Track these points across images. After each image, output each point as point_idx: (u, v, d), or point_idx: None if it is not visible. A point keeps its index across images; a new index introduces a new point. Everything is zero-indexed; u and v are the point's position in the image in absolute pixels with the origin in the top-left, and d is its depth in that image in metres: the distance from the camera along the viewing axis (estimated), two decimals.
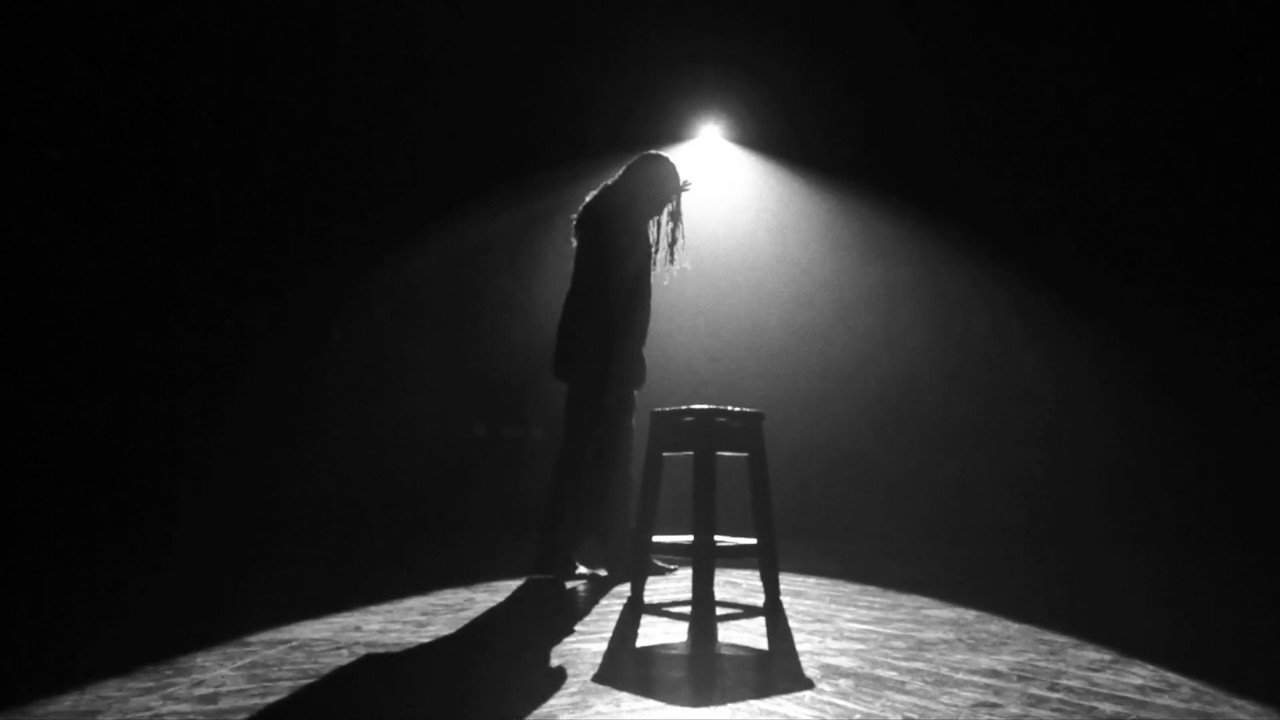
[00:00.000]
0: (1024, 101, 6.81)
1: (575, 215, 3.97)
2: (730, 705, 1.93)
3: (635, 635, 2.72)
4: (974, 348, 6.77)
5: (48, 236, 6.70)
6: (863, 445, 6.71)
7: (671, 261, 3.99)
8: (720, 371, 6.79)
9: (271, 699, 1.90)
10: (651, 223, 3.98)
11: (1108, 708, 1.93)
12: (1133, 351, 6.59)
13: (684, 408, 3.34)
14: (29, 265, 6.71)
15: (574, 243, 3.96)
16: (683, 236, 4.02)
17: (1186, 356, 6.57)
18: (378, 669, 2.19)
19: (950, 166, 6.84)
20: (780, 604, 3.25)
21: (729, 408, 3.34)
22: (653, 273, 3.92)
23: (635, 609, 3.13)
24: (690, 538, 3.14)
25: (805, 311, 6.93)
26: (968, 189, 6.84)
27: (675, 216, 3.99)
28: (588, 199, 3.96)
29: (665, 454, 3.44)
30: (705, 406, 3.28)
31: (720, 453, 3.24)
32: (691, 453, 3.21)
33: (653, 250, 3.95)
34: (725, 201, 6.86)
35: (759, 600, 3.35)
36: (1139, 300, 6.66)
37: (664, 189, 3.91)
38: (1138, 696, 2.04)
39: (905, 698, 1.98)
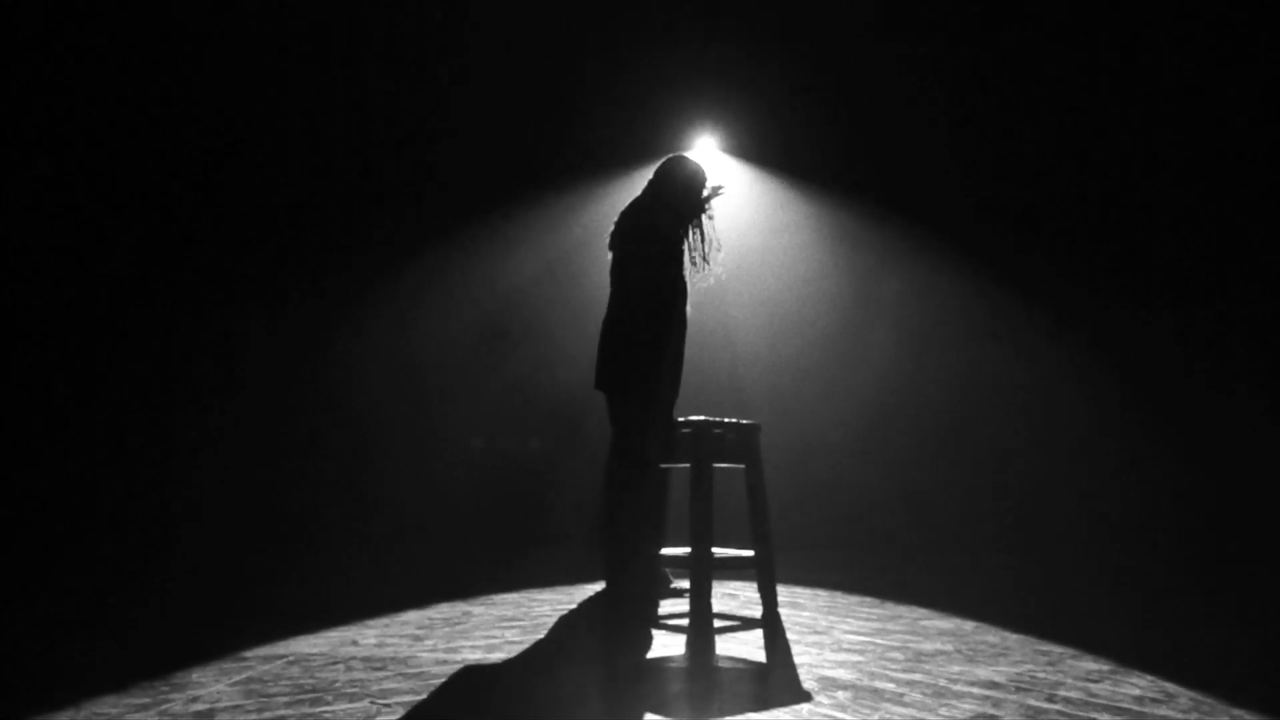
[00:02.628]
0: (1020, 109, 6.85)
1: (611, 229, 3.82)
2: (728, 718, 1.92)
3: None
4: (969, 357, 6.78)
5: (54, 240, 6.72)
6: (860, 456, 6.71)
7: (706, 265, 3.81)
8: (716, 383, 6.80)
9: (268, 715, 1.89)
10: (687, 228, 3.81)
11: (1106, 719, 1.93)
12: (1129, 360, 6.60)
13: (680, 419, 3.34)
14: (33, 268, 6.72)
15: (609, 256, 3.81)
16: (715, 239, 3.86)
17: (1182, 367, 6.57)
18: (375, 683, 2.18)
19: (944, 178, 6.86)
20: (778, 616, 3.25)
21: (726, 419, 3.34)
22: (689, 279, 3.76)
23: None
24: (687, 550, 3.13)
25: (800, 323, 6.94)
26: (961, 200, 6.85)
27: (705, 221, 3.84)
28: (622, 210, 3.82)
29: (662, 465, 3.44)
30: (702, 418, 3.28)
31: (717, 464, 3.24)
32: (688, 465, 3.22)
33: (688, 256, 3.80)
34: (721, 213, 6.86)
35: (757, 612, 3.35)
36: (1134, 310, 6.66)
37: (692, 192, 3.78)
38: (1136, 707, 2.03)
39: (903, 710, 1.98)
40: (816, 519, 6.56)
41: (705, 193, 3.85)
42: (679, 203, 3.77)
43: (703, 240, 3.84)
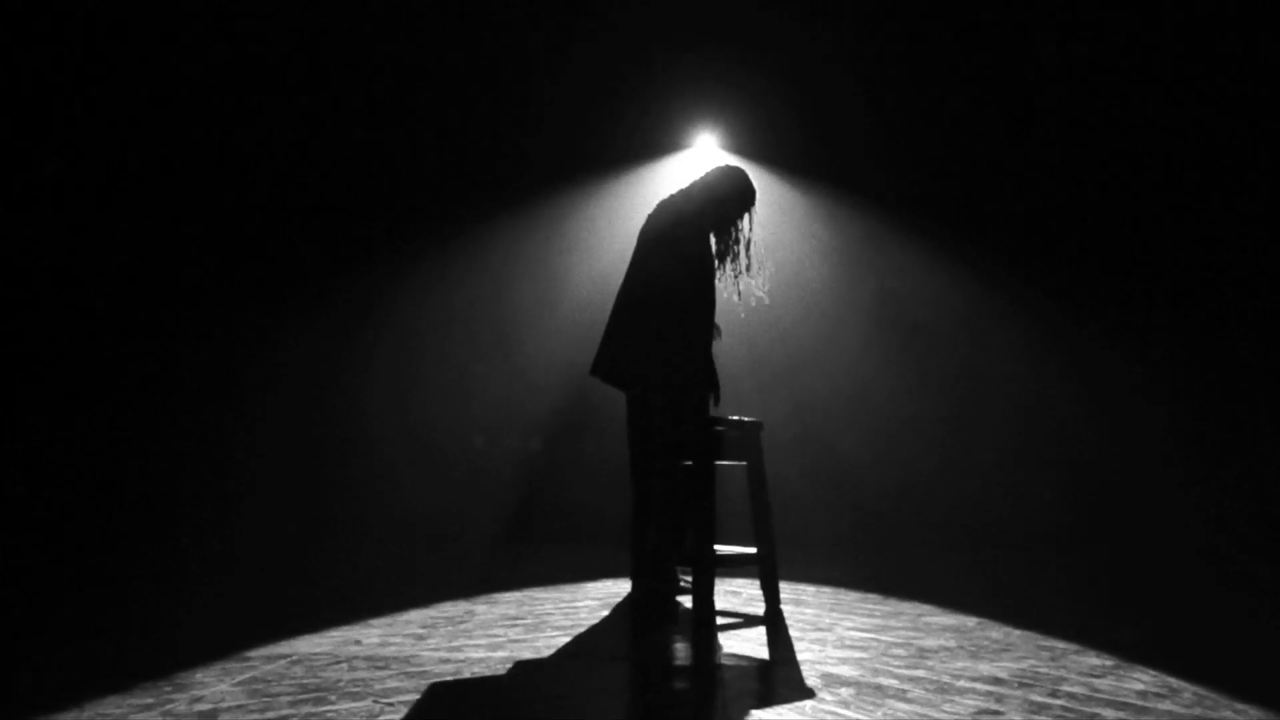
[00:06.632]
0: (1020, 107, 6.83)
1: (646, 219, 3.79)
2: (731, 716, 1.92)
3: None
4: (974, 356, 6.77)
5: (68, 243, 6.73)
6: (863, 453, 6.70)
7: (746, 273, 3.80)
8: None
9: (271, 714, 1.89)
10: (717, 234, 3.78)
11: (1109, 714, 1.93)
12: (1136, 359, 6.59)
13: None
14: (37, 272, 6.72)
15: (637, 245, 3.76)
16: (750, 255, 3.82)
17: (1184, 365, 6.56)
18: (378, 682, 2.19)
19: (946, 176, 6.85)
20: (781, 613, 3.25)
21: (728, 417, 3.34)
22: (719, 283, 3.71)
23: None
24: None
25: (802, 320, 6.94)
26: (963, 199, 6.84)
27: (739, 236, 3.80)
28: (657, 203, 3.80)
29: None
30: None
31: (719, 462, 3.24)
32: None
33: (716, 262, 3.75)
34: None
35: (759, 609, 3.35)
36: (1149, 301, 6.63)
37: (731, 200, 3.73)
38: (1139, 702, 2.03)
39: (907, 706, 1.98)
40: (819, 516, 6.56)
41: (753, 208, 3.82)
42: (712, 203, 3.70)
43: (746, 247, 3.79)
